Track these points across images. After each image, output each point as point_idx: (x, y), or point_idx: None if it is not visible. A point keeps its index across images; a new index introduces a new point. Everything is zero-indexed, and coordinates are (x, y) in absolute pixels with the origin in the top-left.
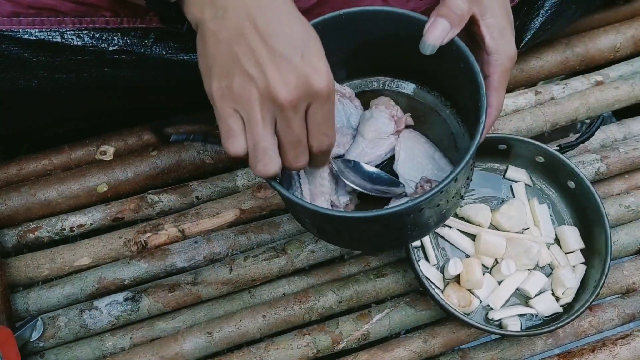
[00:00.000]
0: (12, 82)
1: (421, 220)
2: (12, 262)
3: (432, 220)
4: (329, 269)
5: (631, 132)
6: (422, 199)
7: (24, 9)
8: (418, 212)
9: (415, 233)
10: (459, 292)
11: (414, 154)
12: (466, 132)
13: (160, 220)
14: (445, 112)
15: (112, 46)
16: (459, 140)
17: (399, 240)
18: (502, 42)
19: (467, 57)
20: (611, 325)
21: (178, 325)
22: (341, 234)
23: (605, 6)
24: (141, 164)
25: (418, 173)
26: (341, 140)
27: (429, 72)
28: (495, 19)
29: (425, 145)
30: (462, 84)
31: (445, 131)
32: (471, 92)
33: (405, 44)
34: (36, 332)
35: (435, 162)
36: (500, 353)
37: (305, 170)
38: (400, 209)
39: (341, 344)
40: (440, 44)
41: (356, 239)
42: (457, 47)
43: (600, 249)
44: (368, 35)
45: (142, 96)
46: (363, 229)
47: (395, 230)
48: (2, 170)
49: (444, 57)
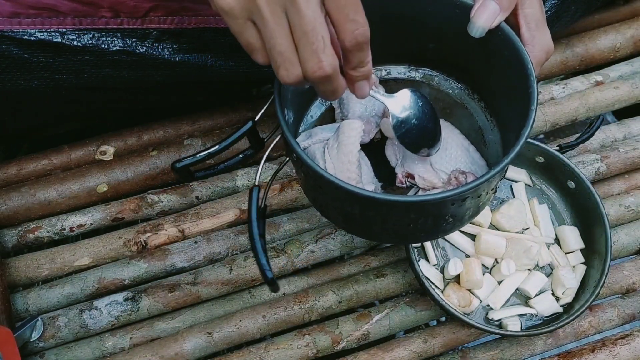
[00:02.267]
0: (12, 82)
1: (459, 212)
2: (12, 262)
3: (468, 213)
4: (329, 269)
5: (631, 132)
6: (478, 183)
7: (24, 9)
8: (461, 201)
9: (449, 226)
10: (459, 292)
11: (448, 145)
12: (495, 127)
13: (160, 220)
14: (472, 105)
15: (112, 47)
16: (487, 134)
17: (431, 233)
18: (538, 33)
19: (515, 43)
20: (611, 325)
21: (178, 325)
22: (372, 222)
23: (605, 6)
24: (141, 164)
25: (451, 164)
26: (367, 128)
27: (460, 61)
28: (532, 10)
29: (459, 137)
30: (502, 73)
31: (472, 125)
32: (516, 81)
33: (442, 27)
34: (36, 332)
35: (469, 154)
36: (500, 353)
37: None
38: (447, 195)
39: (341, 344)
40: (489, 26)
41: (388, 229)
42: (504, 32)
43: (600, 249)
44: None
45: (142, 96)
46: (400, 217)
47: (432, 220)
48: (2, 170)
49: (485, 44)
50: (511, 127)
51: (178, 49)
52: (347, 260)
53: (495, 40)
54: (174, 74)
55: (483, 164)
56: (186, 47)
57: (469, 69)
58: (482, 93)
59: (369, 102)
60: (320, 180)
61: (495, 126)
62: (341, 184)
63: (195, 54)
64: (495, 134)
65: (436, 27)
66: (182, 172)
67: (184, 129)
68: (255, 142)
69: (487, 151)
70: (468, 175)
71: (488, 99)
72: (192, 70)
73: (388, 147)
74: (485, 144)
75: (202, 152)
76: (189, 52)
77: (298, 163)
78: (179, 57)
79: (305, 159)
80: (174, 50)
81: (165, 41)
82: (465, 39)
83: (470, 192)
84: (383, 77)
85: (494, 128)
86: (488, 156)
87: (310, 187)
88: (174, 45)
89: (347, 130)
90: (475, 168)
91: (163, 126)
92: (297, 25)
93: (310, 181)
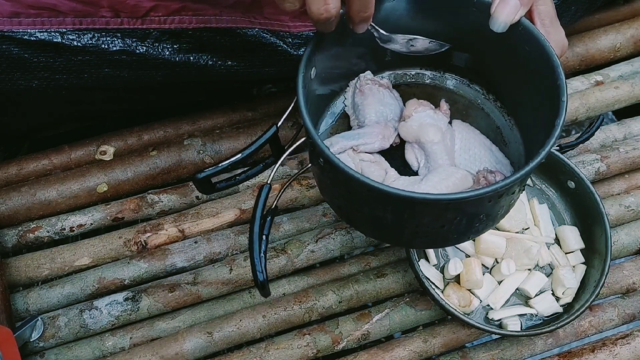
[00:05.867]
0: (13, 82)
1: (494, 210)
2: (12, 262)
3: (500, 211)
4: (329, 269)
5: (631, 132)
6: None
7: (24, 9)
8: (498, 197)
9: (482, 226)
10: (459, 292)
11: (471, 145)
12: (514, 125)
13: (160, 220)
14: (488, 106)
15: (113, 47)
16: (506, 133)
17: (464, 234)
18: (553, 30)
19: (537, 37)
20: (611, 325)
21: (178, 325)
22: (404, 226)
23: (605, 6)
24: (141, 164)
25: (476, 164)
26: (386, 133)
27: (475, 61)
28: (546, 7)
29: (480, 137)
30: (523, 69)
31: (491, 125)
32: (539, 76)
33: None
34: (36, 332)
35: (492, 154)
36: (501, 353)
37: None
38: (489, 190)
39: (341, 343)
40: (511, 21)
41: (420, 233)
42: (524, 27)
43: (600, 249)
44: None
45: (143, 96)
46: (435, 218)
47: (466, 219)
48: (2, 170)
49: (504, 41)
50: (537, 122)
51: (178, 49)
52: (347, 260)
53: (515, 35)
54: (174, 74)
55: (507, 163)
56: (186, 47)
57: (485, 68)
58: (498, 93)
59: (385, 107)
60: (352, 185)
61: (514, 125)
62: (378, 186)
63: (195, 54)
64: (515, 133)
65: (452, 26)
66: (204, 183)
67: (184, 129)
68: (276, 149)
69: (508, 150)
70: (497, 174)
71: (504, 98)
72: (192, 70)
73: (408, 151)
74: (505, 143)
75: (225, 161)
76: (189, 52)
77: (326, 169)
78: (179, 57)
79: (338, 164)
80: (174, 50)
81: (165, 41)
82: (482, 37)
83: (509, 186)
84: (397, 82)
85: (513, 127)
86: (509, 154)
87: (336, 194)
88: (174, 45)
89: None
90: (500, 167)
91: (163, 126)
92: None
93: (338, 187)
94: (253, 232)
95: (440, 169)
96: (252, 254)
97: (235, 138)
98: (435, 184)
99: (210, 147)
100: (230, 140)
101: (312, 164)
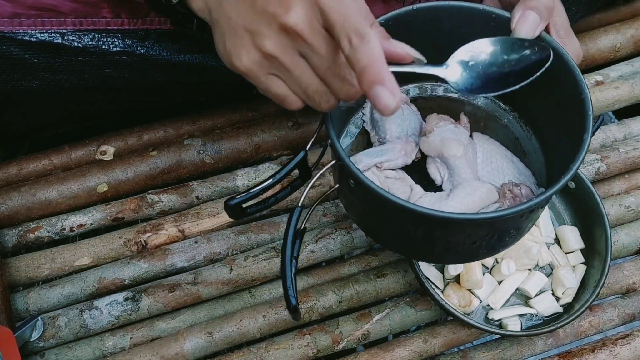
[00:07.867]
0: (13, 83)
1: (524, 224)
2: (12, 262)
3: (529, 225)
4: (329, 269)
5: (631, 132)
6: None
7: (25, 10)
8: (530, 212)
9: (510, 240)
10: (459, 292)
11: (493, 158)
12: (532, 136)
13: (160, 220)
14: (506, 117)
15: (113, 47)
16: (525, 144)
17: (493, 249)
18: (569, 41)
19: (559, 50)
20: (611, 325)
21: (178, 325)
22: (435, 244)
23: (605, 6)
24: (141, 164)
25: (499, 177)
26: (407, 148)
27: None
28: (561, 18)
29: (501, 149)
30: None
31: (509, 136)
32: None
33: None
34: (36, 332)
35: (515, 165)
36: (501, 353)
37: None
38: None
39: (341, 343)
40: (532, 36)
41: (451, 249)
42: (545, 41)
43: (600, 249)
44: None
45: (143, 97)
46: (468, 235)
47: (498, 235)
48: (2, 170)
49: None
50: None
51: (178, 50)
52: (347, 260)
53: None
54: (174, 74)
55: (529, 174)
56: (186, 47)
57: None
58: (515, 104)
59: (405, 122)
60: (383, 205)
61: (533, 135)
62: (412, 207)
63: (195, 54)
64: (534, 142)
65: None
66: (235, 209)
67: (185, 129)
68: (304, 171)
69: (528, 160)
70: (522, 187)
71: (522, 110)
72: (192, 70)
73: (431, 166)
74: (524, 154)
75: (255, 187)
76: (189, 53)
77: (355, 189)
78: (179, 57)
79: (370, 185)
80: (175, 50)
81: (165, 42)
82: None
83: (547, 200)
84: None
85: (531, 137)
86: (530, 165)
87: (365, 213)
88: (175, 45)
89: None
90: (523, 178)
91: (163, 126)
92: (319, 65)
93: (368, 206)
94: (285, 256)
95: (466, 183)
96: (284, 278)
97: (236, 138)
98: (462, 199)
99: (211, 147)
100: (230, 140)
101: (339, 184)
